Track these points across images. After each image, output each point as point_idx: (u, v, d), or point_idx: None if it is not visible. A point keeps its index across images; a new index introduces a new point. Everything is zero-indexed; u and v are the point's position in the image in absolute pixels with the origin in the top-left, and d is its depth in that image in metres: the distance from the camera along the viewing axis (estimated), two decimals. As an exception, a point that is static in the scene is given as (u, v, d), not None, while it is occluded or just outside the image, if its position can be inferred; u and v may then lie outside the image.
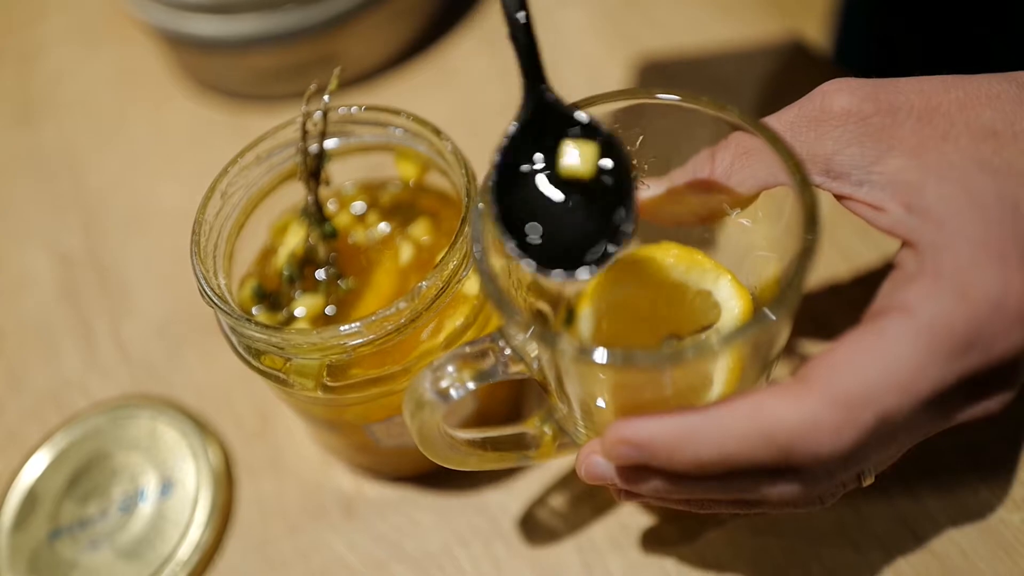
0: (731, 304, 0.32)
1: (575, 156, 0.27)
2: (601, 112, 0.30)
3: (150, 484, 0.42)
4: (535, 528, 0.39)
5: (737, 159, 0.30)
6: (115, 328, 0.50)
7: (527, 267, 0.26)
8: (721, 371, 0.29)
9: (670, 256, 0.33)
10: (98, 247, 0.54)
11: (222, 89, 0.60)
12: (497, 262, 0.28)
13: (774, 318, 0.25)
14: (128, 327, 0.49)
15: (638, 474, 0.28)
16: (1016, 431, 0.37)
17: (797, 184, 0.27)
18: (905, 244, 0.27)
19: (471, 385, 0.28)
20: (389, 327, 0.31)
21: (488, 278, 0.26)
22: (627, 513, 0.39)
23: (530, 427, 0.34)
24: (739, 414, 0.25)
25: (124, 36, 0.66)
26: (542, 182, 0.27)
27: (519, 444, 0.34)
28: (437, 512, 0.40)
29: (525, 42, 0.28)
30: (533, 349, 0.28)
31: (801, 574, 0.36)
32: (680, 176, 0.31)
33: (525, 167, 0.27)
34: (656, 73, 0.55)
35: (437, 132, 0.34)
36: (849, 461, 0.26)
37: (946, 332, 0.24)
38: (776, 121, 0.30)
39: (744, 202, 0.31)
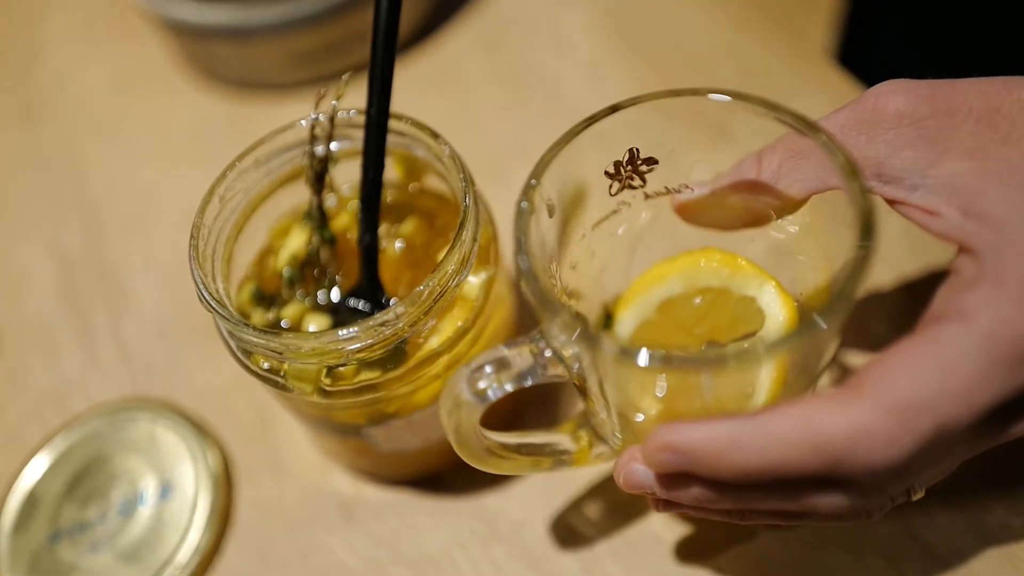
0: (775, 311, 0.32)
1: None
2: (646, 110, 0.29)
3: (149, 487, 0.42)
4: (533, 531, 0.39)
5: (785, 162, 0.29)
6: (115, 329, 0.49)
7: None
8: (765, 381, 0.28)
9: (713, 261, 0.33)
10: (99, 247, 0.54)
11: (226, 79, 0.60)
12: (538, 262, 0.28)
13: (824, 326, 0.24)
14: (128, 328, 0.49)
15: (679, 482, 0.27)
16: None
17: (853, 189, 0.26)
18: (962, 249, 0.26)
19: (509, 387, 0.28)
20: (387, 331, 0.31)
21: (531, 277, 0.26)
22: (626, 516, 0.38)
23: (565, 432, 0.34)
24: (788, 421, 0.24)
25: (125, 35, 0.66)
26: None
27: (554, 450, 0.33)
28: (435, 515, 0.40)
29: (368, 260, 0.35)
30: (573, 350, 0.27)
31: (802, 579, 0.36)
32: (726, 179, 0.31)
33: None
34: (657, 73, 0.55)
35: (435, 135, 0.34)
36: (902, 473, 0.25)
37: (1008, 339, 0.23)
38: (826, 123, 0.29)
39: (792, 206, 0.30)
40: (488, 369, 0.28)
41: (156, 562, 0.39)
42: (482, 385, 0.28)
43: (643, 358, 0.24)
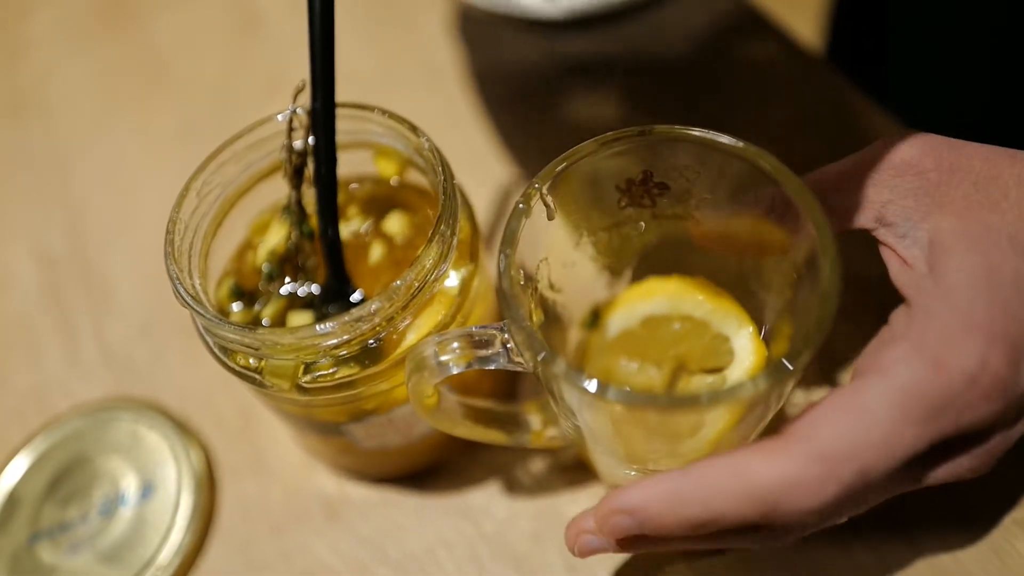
0: (744, 356, 0.33)
1: None
2: (666, 140, 0.30)
3: (131, 487, 0.41)
4: (518, 530, 0.38)
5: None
6: (98, 329, 0.49)
7: None
8: (717, 419, 0.29)
9: (701, 293, 0.34)
10: (82, 247, 0.53)
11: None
12: (517, 265, 0.29)
13: (785, 373, 0.25)
14: (111, 328, 0.49)
15: (634, 543, 0.29)
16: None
17: (821, 245, 0.27)
18: (905, 302, 0.28)
19: (471, 365, 0.29)
20: (364, 327, 0.30)
21: (507, 279, 0.27)
22: (612, 514, 0.38)
23: (526, 411, 0.35)
24: (723, 472, 0.26)
25: (111, 32, 0.65)
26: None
27: (512, 423, 0.35)
28: (420, 514, 0.40)
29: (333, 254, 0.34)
30: (527, 357, 0.28)
31: (787, 574, 0.35)
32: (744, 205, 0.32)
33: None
34: (648, 75, 0.54)
35: (414, 129, 0.33)
36: (828, 515, 0.27)
37: (917, 398, 0.25)
38: (838, 165, 0.30)
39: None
40: (455, 344, 0.29)
41: (137, 563, 0.39)
42: (445, 358, 0.29)
43: (592, 387, 0.25)
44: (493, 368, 0.29)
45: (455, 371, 0.29)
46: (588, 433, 0.31)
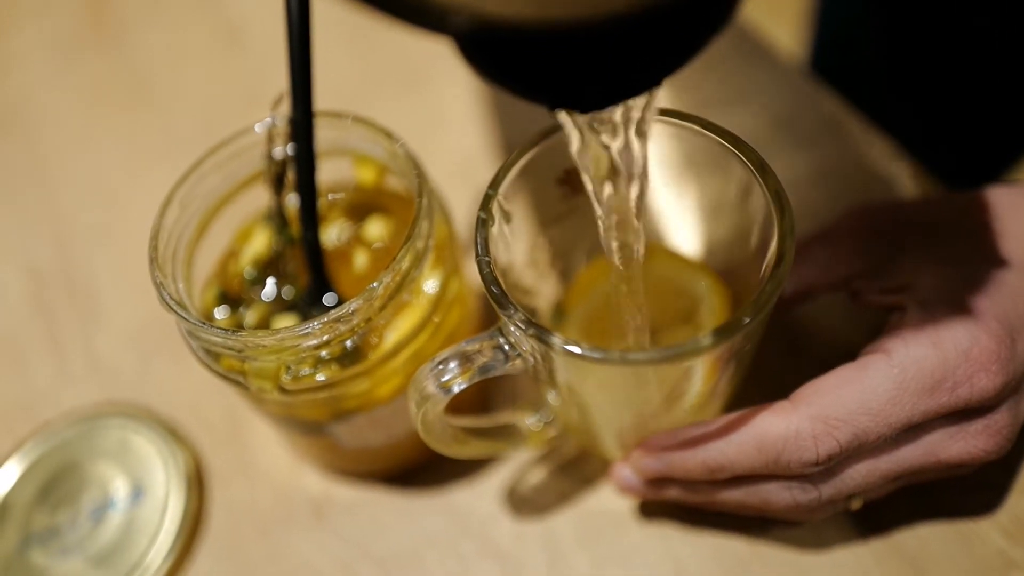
0: (709, 299, 0.35)
1: None
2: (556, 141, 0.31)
3: (120, 492, 0.42)
4: (501, 527, 0.39)
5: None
6: (86, 337, 0.50)
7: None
8: (700, 371, 0.31)
9: (654, 255, 0.35)
10: (69, 259, 0.54)
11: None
12: (498, 266, 0.30)
13: (747, 320, 0.26)
14: (99, 336, 0.50)
15: (661, 484, 0.34)
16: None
17: (777, 223, 0.28)
18: (899, 309, 0.32)
19: (471, 379, 0.30)
20: (343, 328, 0.31)
21: (490, 281, 0.29)
22: (593, 513, 0.39)
23: (521, 417, 0.36)
24: (736, 425, 0.30)
25: (97, 48, 0.66)
26: None
27: (511, 433, 0.36)
28: (404, 513, 0.40)
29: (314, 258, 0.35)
30: (528, 346, 0.29)
31: (761, 565, 0.36)
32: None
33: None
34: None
35: (387, 135, 0.34)
36: (830, 470, 0.30)
37: (916, 371, 0.29)
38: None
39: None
40: (452, 364, 0.30)
41: (126, 566, 0.40)
42: (446, 379, 0.30)
43: (589, 352, 0.27)
44: (492, 376, 0.31)
45: (458, 390, 0.30)
46: (597, 410, 0.32)
